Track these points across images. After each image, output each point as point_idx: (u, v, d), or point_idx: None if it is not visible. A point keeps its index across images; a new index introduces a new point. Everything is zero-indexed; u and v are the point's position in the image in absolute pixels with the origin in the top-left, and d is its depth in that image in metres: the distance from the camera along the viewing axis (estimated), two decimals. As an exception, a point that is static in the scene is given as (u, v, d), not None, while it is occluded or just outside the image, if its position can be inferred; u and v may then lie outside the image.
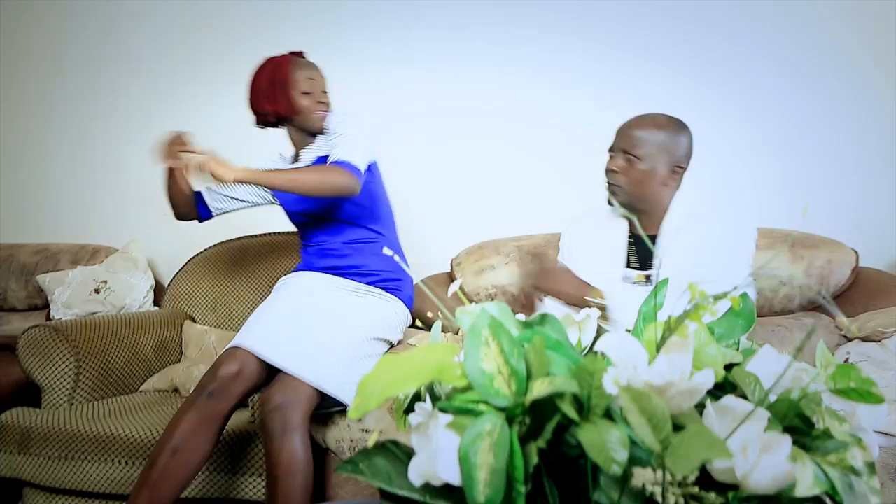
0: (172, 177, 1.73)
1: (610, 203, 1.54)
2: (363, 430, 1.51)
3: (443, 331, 1.88)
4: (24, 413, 1.82)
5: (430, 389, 0.66)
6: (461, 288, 1.83)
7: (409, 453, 0.69)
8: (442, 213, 2.50)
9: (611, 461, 0.50)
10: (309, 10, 2.67)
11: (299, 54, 1.77)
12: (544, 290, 1.49)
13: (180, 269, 2.49)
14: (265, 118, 1.76)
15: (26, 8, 2.98)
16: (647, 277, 1.51)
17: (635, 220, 0.79)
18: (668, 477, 0.50)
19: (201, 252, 2.53)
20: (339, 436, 1.52)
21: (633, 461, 0.52)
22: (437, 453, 0.55)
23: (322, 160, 1.72)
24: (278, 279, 2.29)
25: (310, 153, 1.77)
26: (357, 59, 2.58)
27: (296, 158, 1.82)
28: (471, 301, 1.90)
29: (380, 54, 2.59)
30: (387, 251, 0.96)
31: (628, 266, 1.55)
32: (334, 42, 2.60)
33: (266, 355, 1.49)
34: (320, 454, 1.62)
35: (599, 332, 0.74)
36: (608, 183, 1.51)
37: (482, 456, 0.54)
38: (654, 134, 1.46)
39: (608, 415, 0.54)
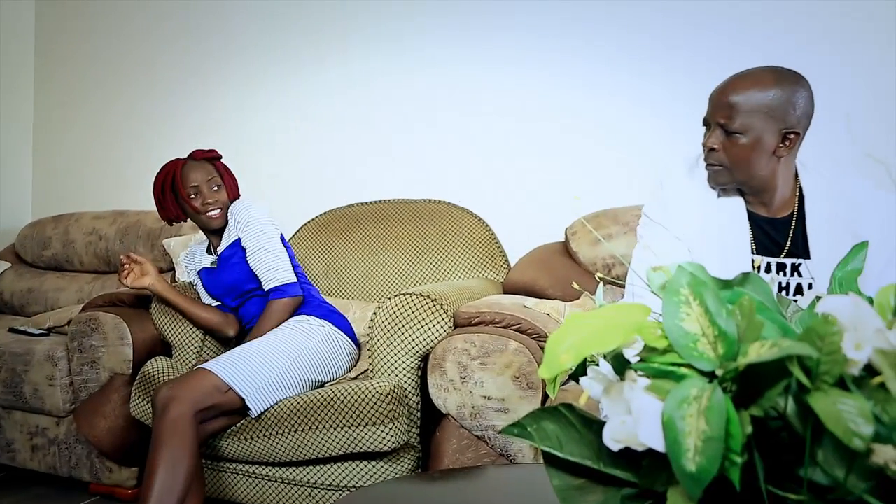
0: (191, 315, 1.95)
1: (713, 186, 1.31)
2: (485, 398, 1.50)
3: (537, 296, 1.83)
4: (163, 362, 1.94)
5: (613, 354, 0.62)
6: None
7: (582, 418, 0.66)
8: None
9: (852, 434, 0.44)
10: (331, 18, 2.76)
11: (194, 154, 1.95)
12: None
13: (292, 236, 2.56)
14: (167, 219, 1.98)
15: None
16: (769, 266, 1.29)
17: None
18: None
19: (312, 219, 2.60)
20: (461, 402, 1.52)
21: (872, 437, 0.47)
22: (638, 418, 0.51)
23: (237, 245, 1.91)
24: (388, 246, 2.32)
25: (222, 247, 1.96)
26: (381, 63, 2.68)
27: (212, 250, 2.03)
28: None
29: (401, 58, 2.65)
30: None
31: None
32: (360, 49, 2.71)
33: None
34: (436, 419, 1.63)
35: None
36: (707, 163, 1.28)
37: (690, 422, 0.50)
38: (755, 98, 1.19)
39: (838, 384, 0.49)
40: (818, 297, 0.64)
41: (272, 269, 1.86)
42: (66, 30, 3.38)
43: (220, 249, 1.97)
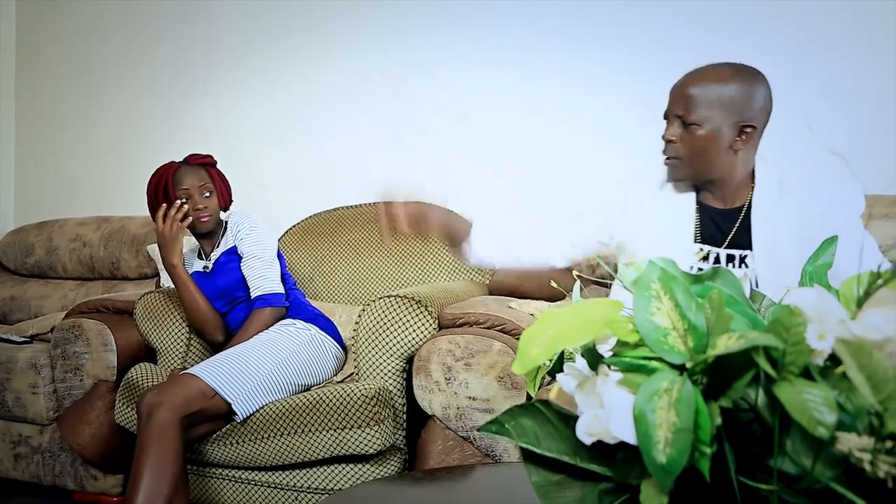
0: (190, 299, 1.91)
1: (670, 180, 1.30)
2: (470, 398, 1.50)
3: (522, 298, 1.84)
4: (147, 368, 1.92)
5: (587, 349, 0.63)
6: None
7: (559, 414, 0.66)
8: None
9: (816, 423, 0.45)
10: (317, 21, 2.76)
11: (189, 159, 1.94)
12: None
13: (277, 240, 2.55)
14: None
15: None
16: (706, 256, 1.29)
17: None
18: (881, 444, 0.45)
19: (298, 223, 2.59)
20: (446, 403, 1.52)
21: (836, 425, 0.48)
22: (609, 411, 0.52)
23: (233, 252, 1.92)
24: (374, 249, 2.33)
25: (217, 252, 1.96)
26: (365, 67, 2.69)
27: (203, 255, 2.01)
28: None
29: (386, 61, 2.66)
30: None
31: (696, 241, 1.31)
32: (344, 53, 2.71)
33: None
34: (422, 420, 1.64)
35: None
36: (665, 157, 1.28)
37: (660, 414, 0.50)
38: (713, 90, 1.20)
39: (804, 374, 0.50)
40: (788, 290, 0.65)
41: (261, 278, 1.87)
42: (47, 35, 3.35)
43: (213, 254, 1.96)
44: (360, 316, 1.69)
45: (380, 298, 1.67)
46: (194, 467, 1.76)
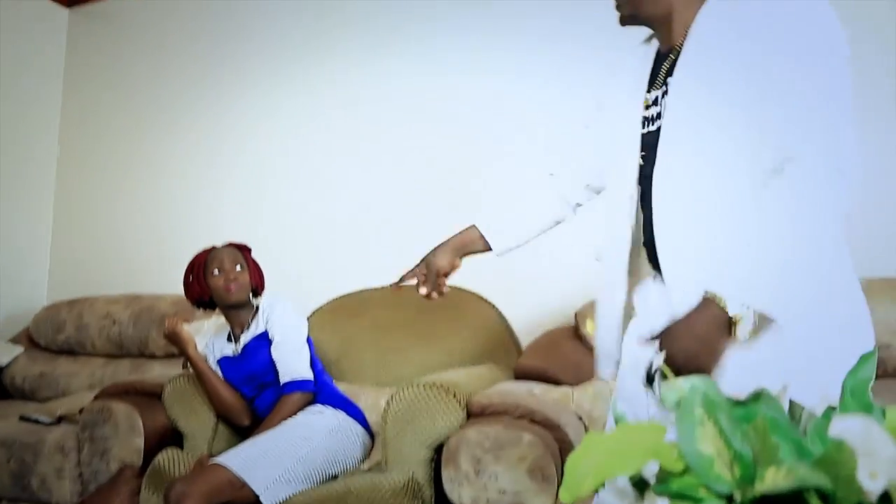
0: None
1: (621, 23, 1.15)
2: (500, 492, 1.48)
3: (553, 382, 1.82)
4: (174, 454, 1.91)
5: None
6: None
7: (603, 534, 0.66)
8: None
9: (873, 566, 0.45)
10: (342, 101, 2.87)
11: (228, 246, 2.04)
12: None
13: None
14: (195, 302, 2.04)
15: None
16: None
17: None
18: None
19: (322, 306, 2.61)
20: (476, 495, 1.50)
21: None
22: (659, 542, 0.52)
23: (263, 337, 1.94)
24: (399, 331, 2.33)
25: (247, 336, 1.99)
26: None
27: (233, 338, 2.03)
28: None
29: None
30: None
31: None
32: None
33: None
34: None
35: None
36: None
37: (710, 549, 0.50)
38: None
39: (856, 511, 0.49)
40: (832, 408, 0.65)
41: (291, 362, 1.89)
42: (89, 120, 3.52)
43: (243, 338, 1.99)
44: (388, 403, 1.69)
45: (408, 387, 1.68)
46: (218, 558, 1.73)
